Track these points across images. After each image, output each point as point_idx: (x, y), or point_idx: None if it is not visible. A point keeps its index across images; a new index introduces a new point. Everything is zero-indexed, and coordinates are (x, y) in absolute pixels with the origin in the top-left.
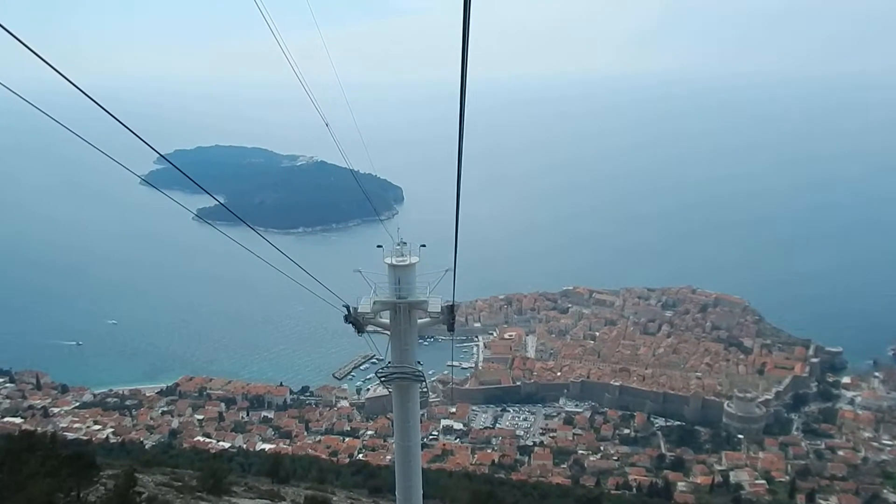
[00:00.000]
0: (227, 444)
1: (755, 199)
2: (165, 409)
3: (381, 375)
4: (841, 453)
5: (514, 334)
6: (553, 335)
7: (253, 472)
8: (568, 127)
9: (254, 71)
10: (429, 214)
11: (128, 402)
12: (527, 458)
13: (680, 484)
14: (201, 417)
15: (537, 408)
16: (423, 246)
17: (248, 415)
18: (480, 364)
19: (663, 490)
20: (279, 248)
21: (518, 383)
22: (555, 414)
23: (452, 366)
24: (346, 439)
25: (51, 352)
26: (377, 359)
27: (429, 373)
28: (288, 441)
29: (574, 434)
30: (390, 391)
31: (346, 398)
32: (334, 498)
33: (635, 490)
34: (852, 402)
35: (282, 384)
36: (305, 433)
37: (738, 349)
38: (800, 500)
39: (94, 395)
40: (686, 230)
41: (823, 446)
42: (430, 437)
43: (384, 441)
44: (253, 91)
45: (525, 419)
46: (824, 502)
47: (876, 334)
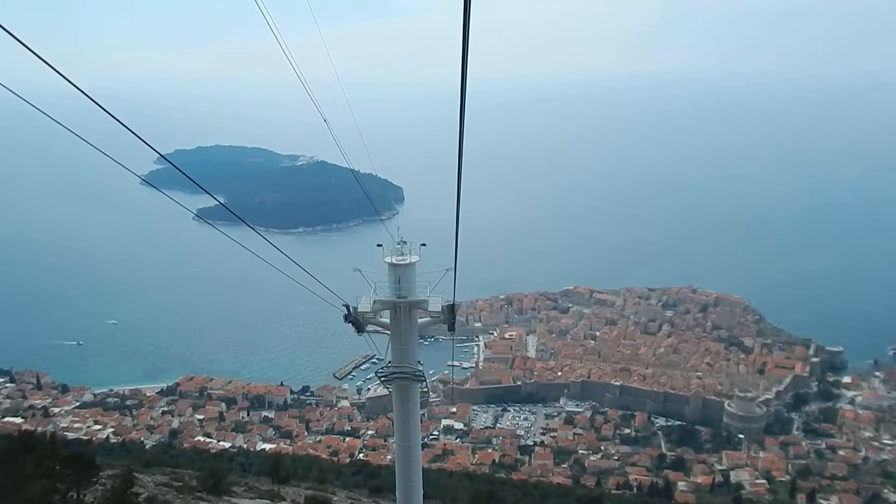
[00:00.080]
0: (227, 444)
1: (755, 199)
2: (166, 408)
3: (382, 375)
4: (841, 453)
5: (514, 334)
6: (553, 335)
7: (253, 472)
8: (568, 127)
9: (254, 71)
10: (429, 214)
11: (128, 402)
12: (527, 458)
13: (680, 484)
14: (202, 417)
15: (538, 407)
16: (424, 245)
17: (248, 415)
18: (481, 364)
19: (664, 490)
20: (279, 247)
21: (519, 383)
22: (555, 414)
23: (453, 365)
24: (347, 439)
25: (51, 352)
26: (377, 358)
27: (429, 372)
28: (288, 441)
29: (575, 434)
30: (391, 391)
31: (346, 398)
32: (335, 498)
33: (636, 490)
34: (853, 401)
35: (282, 384)
36: (306, 433)
37: (738, 349)
38: (800, 499)
39: (95, 395)
40: (686, 230)
41: (824, 446)
42: (431, 436)
43: (385, 441)
44: (253, 91)
45: (526, 419)
46: (825, 502)
47: (876, 334)
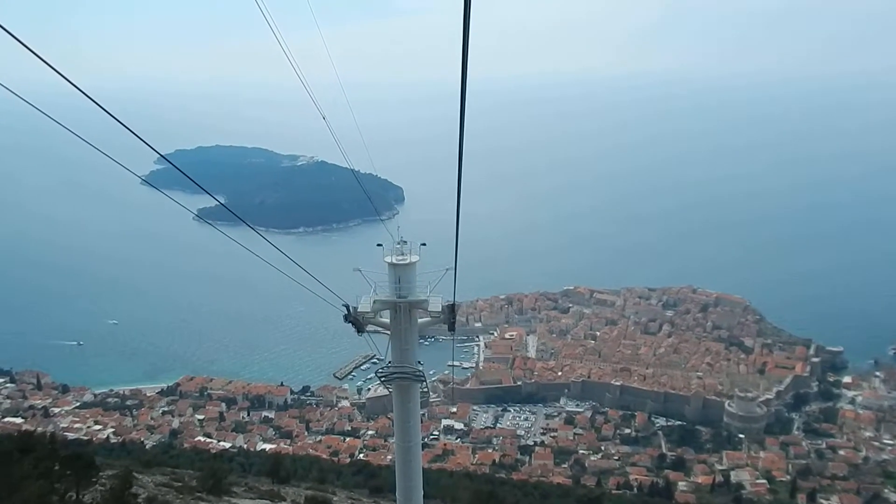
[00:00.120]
0: (227, 444)
1: (755, 198)
2: (166, 409)
3: (382, 375)
4: (842, 453)
5: (514, 334)
6: (554, 335)
7: (253, 472)
8: (568, 127)
9: (254, 71)
10: (429, 214)
11: (128, 402)
12: (528, 458)
13: (681, 483)
14: (202, 417)
15: (538, 407)
16: (424, 245)
17: (248, 415)
18: (481, 364)
19: (664, 490)
20: (279, 247)
21: (519, 383)
22: (556, 414)
23: (453, 365)
24: (347, 439)
25: (51, 352)
26: (378, 359)
27: (429, 372)
28: (288, 441)
29: (575, 434)
30: (391, 391)
31: (346, 398)
32: (335, 498)
33: (636, 490)
34: (853, 401)
35: (282, 384)
36: (306, 433)
37: (738, 349)
38: (801, 499)
39: (95, 395)
40: (686, 230)
41: (824, 446)
42: (431, 436)
43: (385, 441)
44: (253, 91)
45: (526, 419)
46: (825, 502)
47: (876, 334)
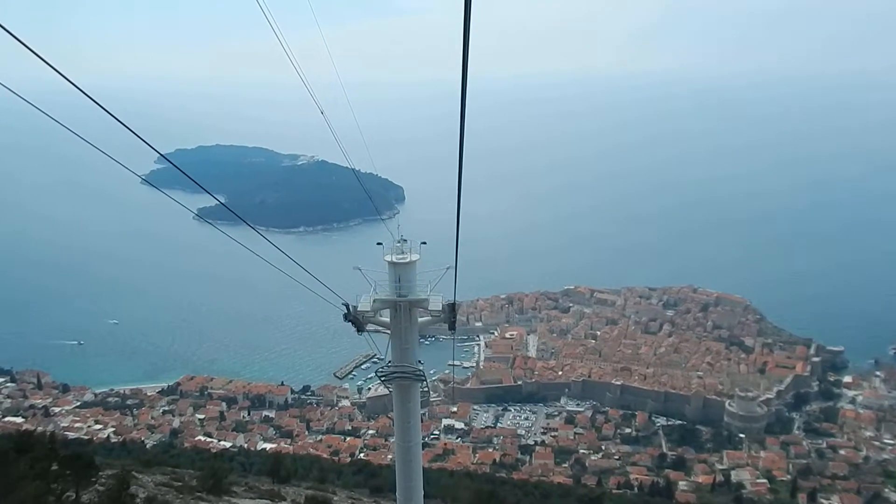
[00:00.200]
0: (228, 444)
1: (755, 198)
2: (166, 408)
3: (382, 375)
4: (842, 452)
5: (515, 333)
6: (554, 334)
7: (254, 471)
8: (568, 127)
9: (254, 71)
10: (430, 214)
11: (129, 402)
12: (528, 458)
13: (681, 483)
14: (202, 417)
15: (538, 407)
16: (424, 243)
17: (249, 414)
18: (482, 363)
19: (665, 489)
20: (280, 247)
21: (519, 382)
22: (556, 413)
23: (453, 365)
24: (348, 439)
25: (52, 351)
26: (378, 358)
27: (430, 372)
28: (289, 440)
29: (575, 433)
30: (391, 391)
31: (347, 397)
32: (335, 498)
33: (637, 489)
34: (853, 401)
35: (283, 384)
36: (306, 433)
37: (739, 348)
38: (801, 499)
39: (95, 395)
40: (686, 230)
41: (825, 445)
42: (432, 436)
43: (385, 440)
44: (253, 91)
45: (526, 418)
46: (826, 501)
47: (877, 333)
